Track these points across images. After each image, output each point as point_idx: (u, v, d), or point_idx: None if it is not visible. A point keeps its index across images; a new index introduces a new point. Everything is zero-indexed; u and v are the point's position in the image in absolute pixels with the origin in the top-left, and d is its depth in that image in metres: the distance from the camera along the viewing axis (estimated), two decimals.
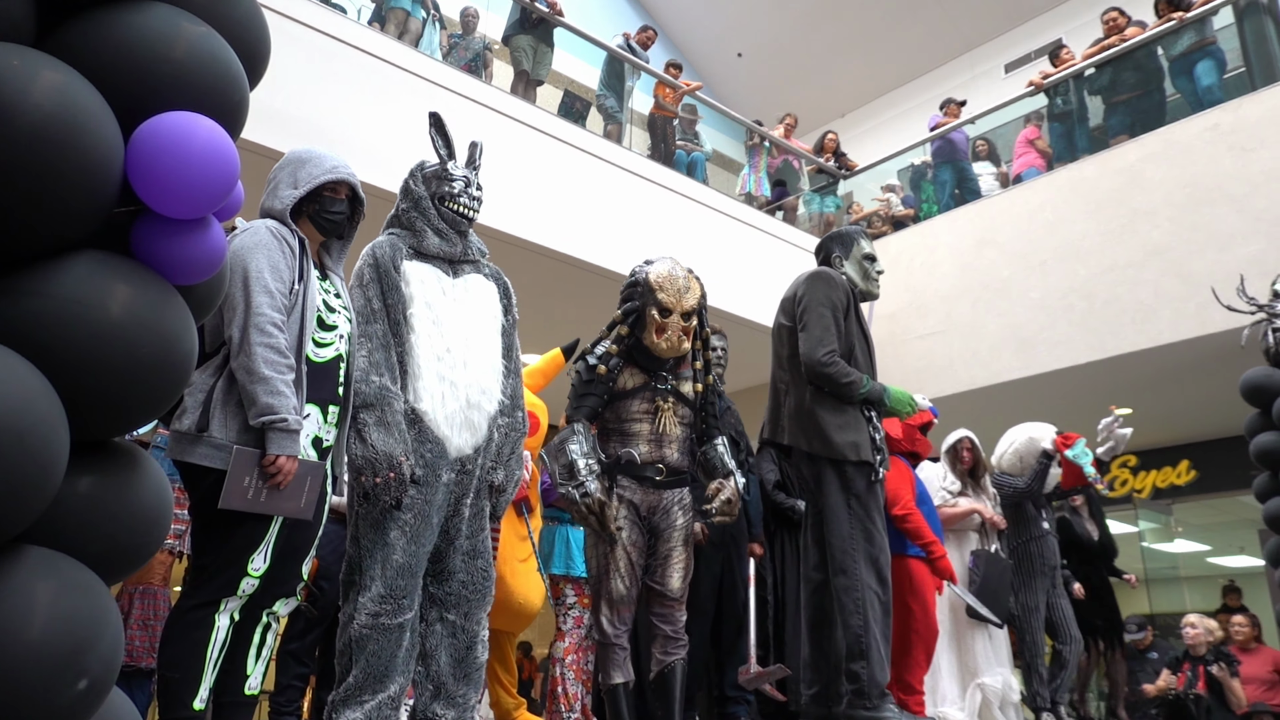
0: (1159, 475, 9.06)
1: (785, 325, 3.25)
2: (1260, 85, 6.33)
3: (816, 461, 3.10)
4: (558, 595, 3.69)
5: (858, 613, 2.96)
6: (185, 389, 1.91)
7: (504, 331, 2.76)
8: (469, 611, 2.55)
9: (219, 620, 2.13)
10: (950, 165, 8.37)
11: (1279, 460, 4.30)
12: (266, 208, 2.39)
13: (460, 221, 2.71)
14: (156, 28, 1.24)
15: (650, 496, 2.97)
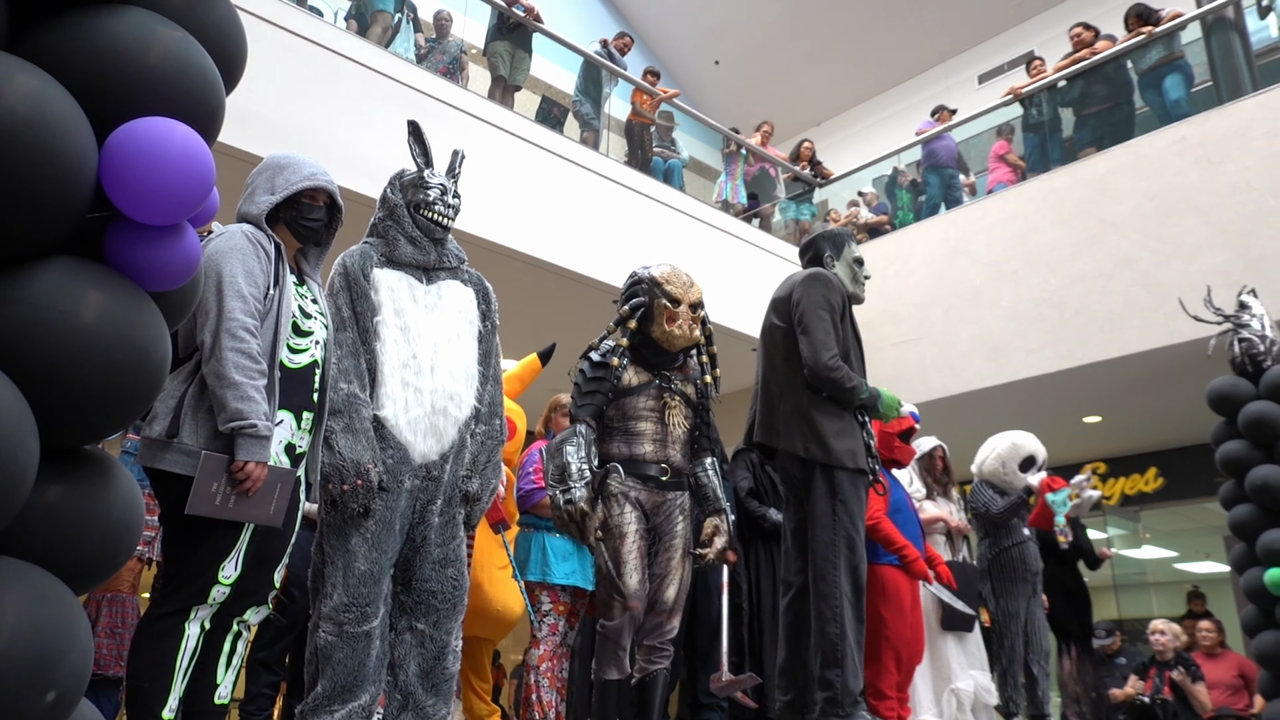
0: (1127, 482, 9.18)
1: (779, 326, 3.20)
2: (1227, 99, 6.45)
3: (809, 466, 3.06)
4: (533, 602, 3.68)
5: (835, 620, 2.93)
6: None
7: (481, 337, 2.76)
8: (438, 621, 2.53)
9: (189, 629, 2.11)
10: (938, 171, 8.44)
11: (1244, 468, 4.37)
12: (243, 212, 2.37)
13: (434, 229, 2.71)
14: (131, 32, 1.23)
15: (655, 496, 2.99)
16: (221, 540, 2.13)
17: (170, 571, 2.15)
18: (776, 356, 3.19)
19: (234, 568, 2.16)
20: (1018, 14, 11.63)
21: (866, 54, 12.59)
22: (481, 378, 2.71)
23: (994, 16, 11.74)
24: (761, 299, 3.63)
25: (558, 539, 3.67)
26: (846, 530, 3.00)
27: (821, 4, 12.19)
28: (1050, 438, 8.65)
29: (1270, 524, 4.24)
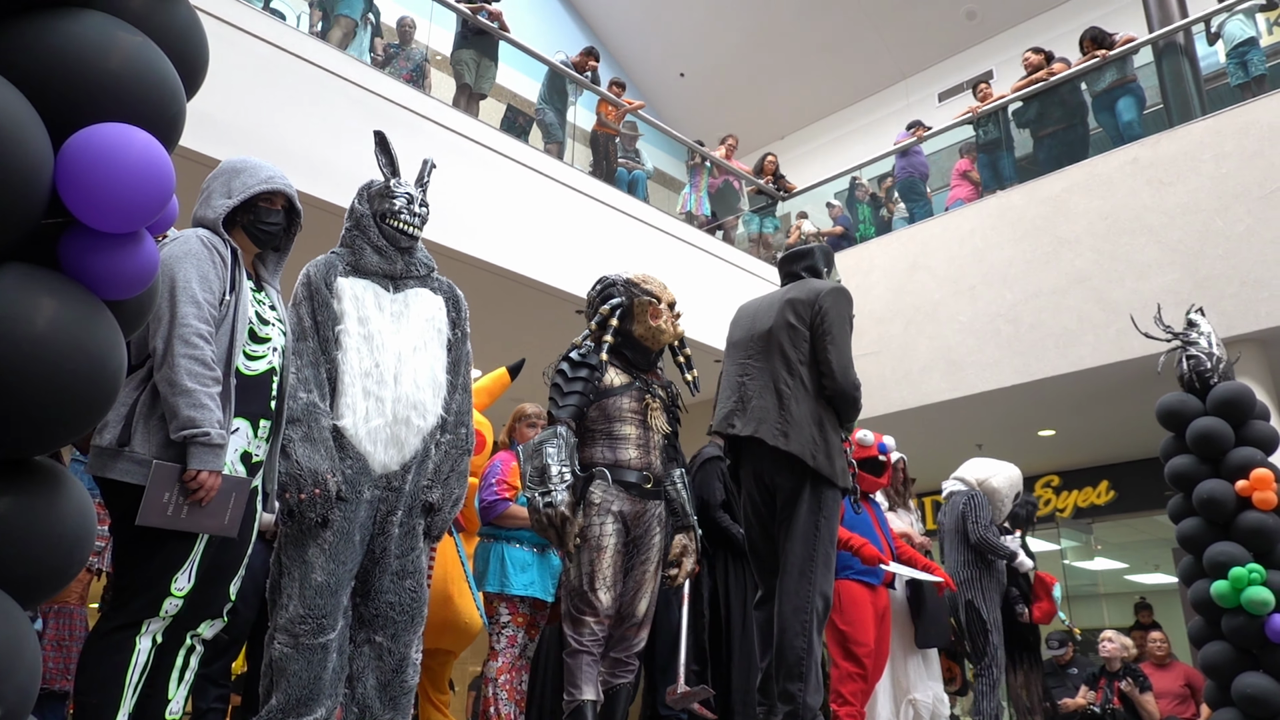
0: (1080, 495, 9.35)
1: (799, 329, 3.06)
2: (1177, 122, 6.63)
3: (803, 475, 2.95)
4: (492, 614, 3.66)
5: (803, 634, 2.86)
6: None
7: (450, 346, 2.74)
8: (396, 634, 2.50)
9: (140, 643, 2.05)
10: (911, 184, 8.56)
11: (1192, 483, 4.46)
12: (199, 216, 2.33)
13: (400, 238, 2.71)
14: (91, 36, 1.21)
15: (636, 505, 2.95)
16: (175, 551, 2.08)
17: (121, 583, 2.09)
18: (793, 357, 3.03)
19: (187, 580, 2.11)
20: (977, 34, 11.86)
21: (829, 70, 12.76)
22: (449, 387, 2.69)
23: (954, 36, 11.97)
24: (725, 311, 3.64)
25: (517, 550, 3.65)
26: (825, 548, 2.94)
27: (786, 20, 12.33)
28: (1006, 451, 8.79)
29: (1217, 537, 4.35)
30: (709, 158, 9.20)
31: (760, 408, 3.01)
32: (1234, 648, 4.24)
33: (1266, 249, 5.83)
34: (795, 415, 2.95)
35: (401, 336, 2.61)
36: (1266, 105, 6.11)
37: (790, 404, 2.97)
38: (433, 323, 2.70)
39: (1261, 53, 6.75)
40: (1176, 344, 4.78)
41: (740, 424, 3.05)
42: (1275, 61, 6.83)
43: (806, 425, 2.94)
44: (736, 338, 3.28)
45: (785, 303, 3.13)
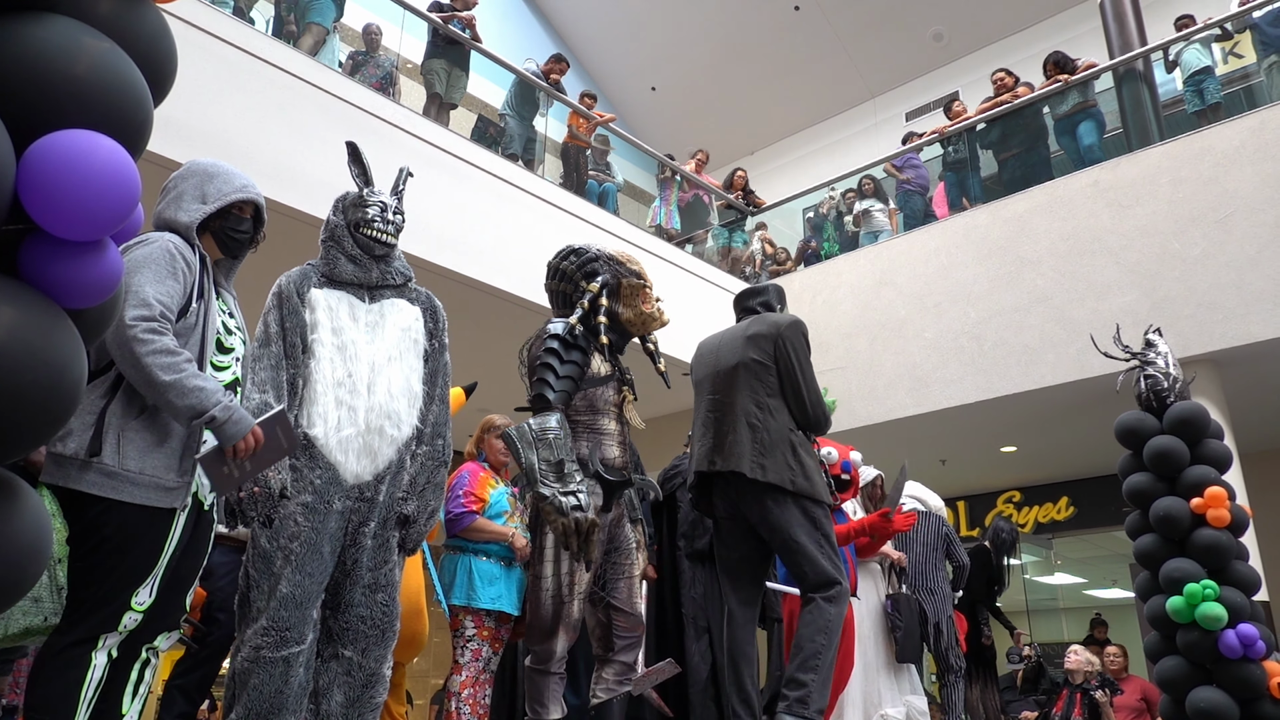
0: (1040, 510, 9.49)
1: (764, 364, 3.15)
2: (1136, 147, 6.78)
3: (784, 498, 3.00)
4: (456, 627, 3.62)
5: (825, 633, 2.88)
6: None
7: (427, 356, 2.72)
8: (367, 648, 2.47)
9: (96, 659, 1.99)
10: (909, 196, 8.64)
11: (1149, 500, 4.54)
12: (168, 219, 2.26)
13: (374, 246, 2.70)
14: (57, 42, 1.19)
15: (615, 509, 2.87)
16: (138, 566, 2.03)
17: (79, 597, 2.00)
18: (760, 391, 3.12)
19: (148, 594, 2.06)
20: (944, 56, 12.07)
21: (799, 87, 12.90)
22: (425, 397, 2.67)
23: (921, 58, 12.16)
24: (694, 324, 3.66)
25: (484, 563, 3.62)
26: (833, 559, 2.99)
27: (757, 37, 12.45)
28: (969, 466, 8.95)
29: (1172, 554, 4.42)
30: (679, 171, 9.25)
31: (735, 442, 3.07)
32: (1188, 663, 4.31)
33: (1221, 272, 5.96)
34: (768, 445, 3.02)
35: (376, 346, 2.59)
36: (1220, 133, 6.27)
37: (762, 435, 3.04)
38: (409, 333, 2.68)
39: (1217, 81, 6.93)
40: (1135, 364, 4.87)
41: (720, 461, 3.10)
42: (1230, 90, 7.01)
43: (780, 452, 3.01)
44: (701, 375, 3.34)
45: (747, 339, 3.21)
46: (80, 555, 2.02)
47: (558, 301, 3.05)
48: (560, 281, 3.01)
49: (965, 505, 9.97)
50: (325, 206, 5.09)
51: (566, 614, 2.74)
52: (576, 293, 2.98)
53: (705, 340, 3.49)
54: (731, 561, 3.21)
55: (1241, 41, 7.06)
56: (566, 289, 3.02)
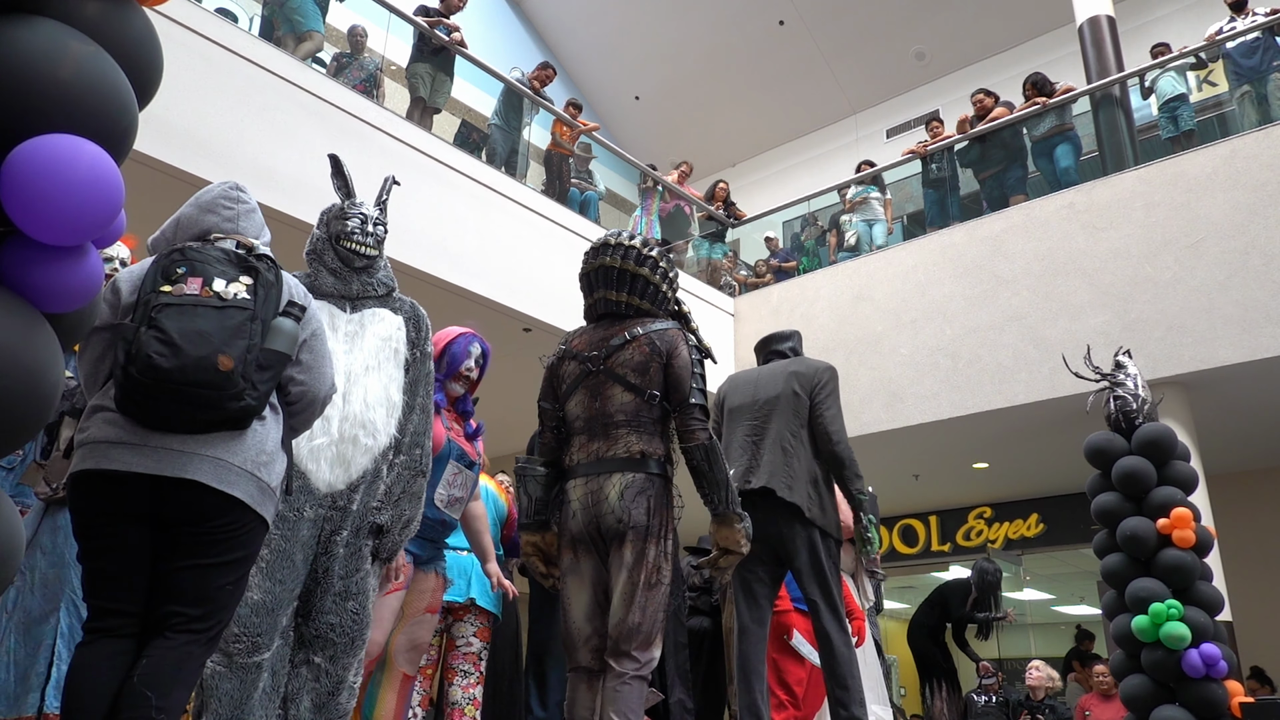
0: (1010, 527, 9.57)
1: (802, 398, 3.52)
2: (1111, 171, 6.89)
3: (810, 527, 3.34)
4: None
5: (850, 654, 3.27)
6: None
7: (408, 366, 2.70)
8: (335, 655, 2.46)
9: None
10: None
11: (1116, 519, 4.60)
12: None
13: (354, 259, 2.71)
14: (41, 45, 1.19)
15: None
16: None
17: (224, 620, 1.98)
18: (794, 423, 3.48)
19: None
20: (926, 74, 12.20)
21: (782, 101, 12.99)
22: (405, 407, 2.66)
23: (903, 76, 12.29)
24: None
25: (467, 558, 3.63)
26: (836, 586, 3.37)
27: (741, 49, 12.53)
28: (942, 482, 9.02)
29: (1138, 573, 4.48)
30: (661, 182, 9.28)
31: (770, 462, 3.42)
32: (1153, 681, 4.37)
33: (1191, 296, 6.06)
34: (796, 472, 3.38)
35: (354, 356, 2.59)
36: (1193, 159, 6.39)
37: (793, 460, 3.41)
38: (389, 343, 2.67)
39: (1191, 109, 7.05)
40: (1105, 384, 4.93)
41: (755, 479, 3.40)
42: (1203, 117, 7.14)
43: (804, 480, 3.37)
44: (738, 403, 3.67)
45: (790, 374, 3.61)
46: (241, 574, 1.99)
47: (639, 289, 2.83)
48: (656, 275, 2.85)
49: (937, 520, 10.04)
50: (305, 207, 5.11)
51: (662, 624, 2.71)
52: (671, 299, 2.91)
53: (740, 374, 3.85)
54: (749, 581, 3.45)
55: (1215, 70, 7.20)
56: (664, 291, 2.88)
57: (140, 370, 1.72)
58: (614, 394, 2.69)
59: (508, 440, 8.70)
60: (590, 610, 2.65)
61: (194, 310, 1.80)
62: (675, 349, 2.71)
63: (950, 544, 9.82)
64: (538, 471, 2.81)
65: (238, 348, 1.80)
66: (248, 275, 1.93)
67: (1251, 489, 8.45)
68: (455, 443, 3.02)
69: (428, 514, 2.88)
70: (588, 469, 2.67)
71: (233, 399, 1.79)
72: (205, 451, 1.83)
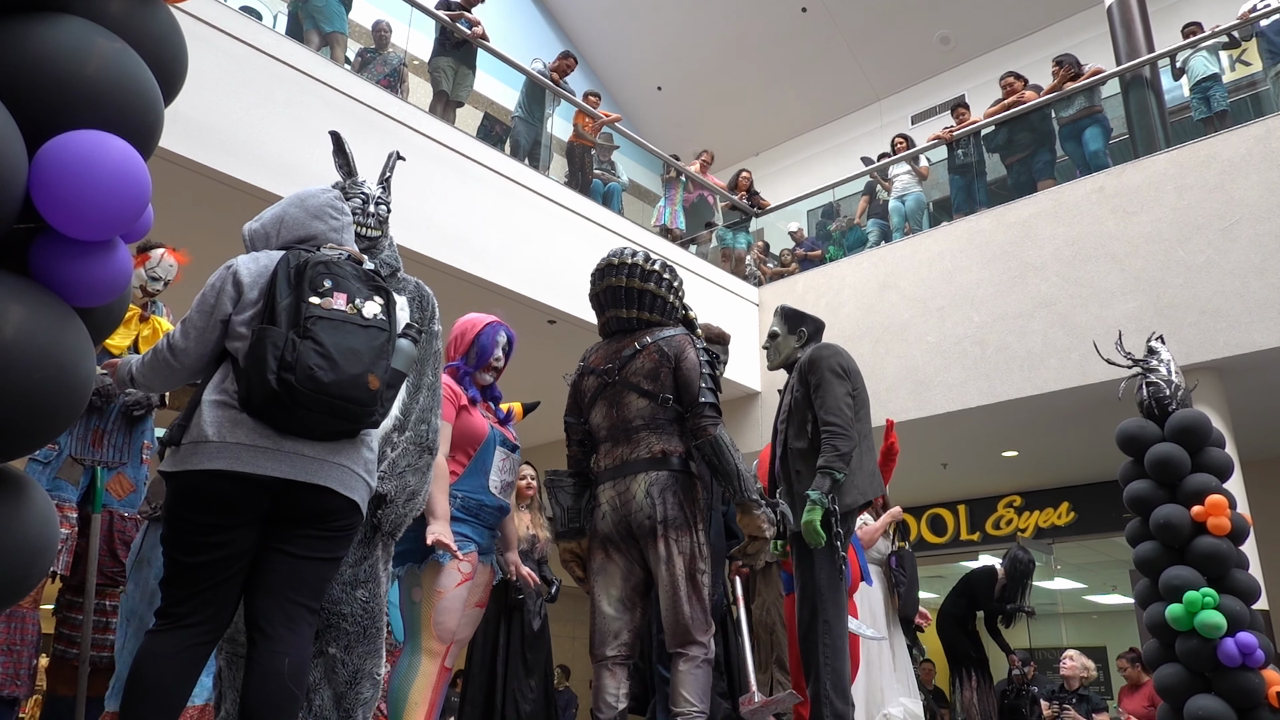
0: (1041, 516, 9.48)
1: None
2: (1142, 154, 6.77)
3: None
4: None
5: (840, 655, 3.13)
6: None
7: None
8: (349, 645, 2.42)
9: None
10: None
11: (1149, 507, 4.54)
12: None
13: (355, 240, 2.67)
14: (68, 42, 1.20)
15: None
16: None
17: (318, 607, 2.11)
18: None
19: None
20: (951, 59, 12.05)
21: (805, 89, 12.89)
22: (410, 388, 2.65)
23: (928, 60, 12.15)
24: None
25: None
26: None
27: (763, 38, 12.45)
28: (970, 471, 8.94)
29: (1172, 561, 4.43)
30: (685, 172, 9.25)
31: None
32: (1187, 670, 4.32)
33: (1225, 280, 5.96)
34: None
35: None
36: (1227, 140, 6.27)
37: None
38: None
39: (1224, 89, 6.91)
40: (1137, 371, 4.87)
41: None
42: (1237, 98, 7.00)
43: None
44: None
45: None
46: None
47: (648, 303, 2.95)
48: (661, 287, 2.96)
49: (966, 509, 9.96)
50: None
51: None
52: (678, 307, 3.01)
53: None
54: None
55: (1249, 49, 7.05)
56: (670, 300, 2.98)
57: (300, 380, 1.80)
58: (631, 401, 2.88)
59: (535, 432, 8.74)
60: (620, 607, 2.83)
61: (344, 327, 1.90)
62: (682, 352, 2.87)
63: (980, 533, 9.75)
64: (566, 482, 3.03)
65: (381, 367, 1.93)
66: (379, 295, 2.04)
67: None
68: (497, 430, 3.01)
69: (487, 501, 2.90)
70: (614, 472, 2.86)
71: (370, 414, 1.93)
72: (334, 459, 1.95)
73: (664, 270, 2.99)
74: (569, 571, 3.02)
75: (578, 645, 10.83)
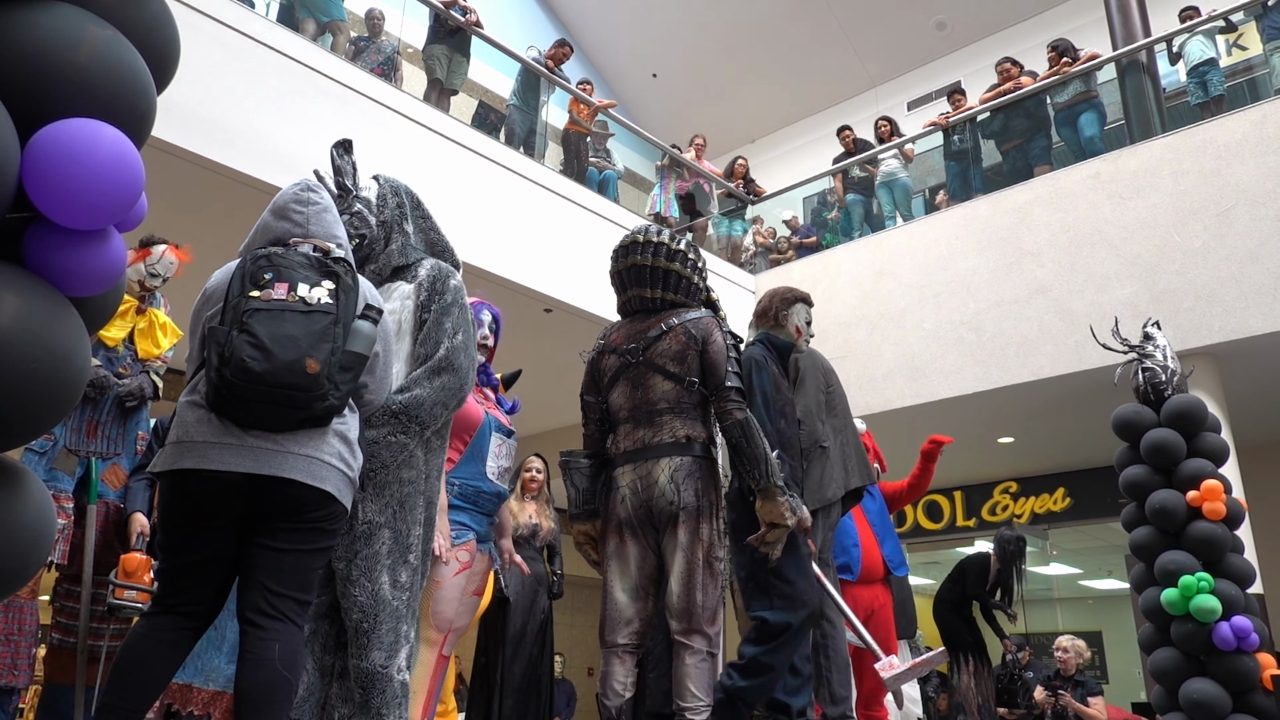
0: (1037, 501, 9.51)
1: None
2: (1138, 139, 6.76)
3: None
4: None
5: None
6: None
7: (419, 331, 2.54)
8: (348, 642, 2.42)
9: None
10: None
11: (1145, 492, 4.56)
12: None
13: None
14: (59, 29, 1.19)
15: None
16: None
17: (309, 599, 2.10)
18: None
19: None
20: (947, 45, 12.01)
21: (801, 76, 12.85)
22: (413, 365, 2.59)
23: (924, 46, 12.11)
24: None
25: None
26: None
27: (759, 24, 12.40)
28: (966, 457, 8.96)
29: (1168, 546, 4.45)
30: (683, 161, 9.23)
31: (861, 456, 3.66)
32: (1182, 654, 4.35)
33: (1221, 265, 5.97)
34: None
35: None
36: (1223, 125, 6.26)
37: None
38: (394, 316, 2.52)
39: (1221, 73, 6.90)
40: (1133, 356, 4.88)
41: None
42: (1233, 82, 6.99)
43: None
44: (842, 394, 3.96)
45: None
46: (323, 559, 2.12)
47: (673, 284, 2.92)
48: (686, 267, 2.94)
49: (962, 495, 10.00)
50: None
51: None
52: (702, 288, 2.98)
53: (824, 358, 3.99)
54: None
55: (1246, 33, 7.03)
56: (695, 281, 2.96)
57: (234, 373, 1.81)
58: (655, 383, 2.82)
59: (532, 420, 8.74)
60: (633, 593, 2.79)
61: (282, 315, 1.88)
62: (710, 336, 2.82)
63: (975, 519, 9.78)
64: (581, 463, 2.96)
65: (323, 351, 1.89)
66: (329, 280, 2.01)
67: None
68: (491, 415, 2.96)
69: (485, 488, 2.86)
70: (635, 455, 2.80)
71: (319, 399, 1.88)
72: (298, 450, 1.93)
73: (690, 250, 2.96)
74: (584, 554, 2.99)
75: (575, 633, 10.87)
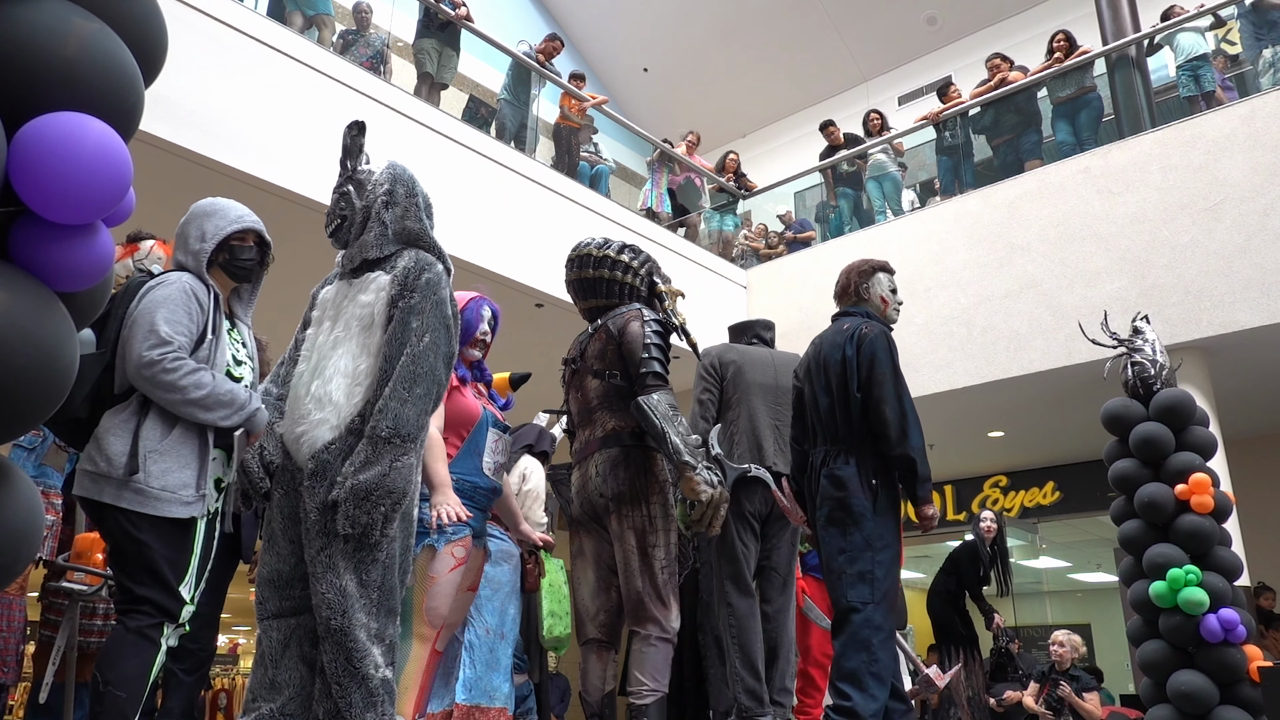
0: (1026, 495, 9.55)
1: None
2: (1128, 134, 6.78)
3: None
4: None
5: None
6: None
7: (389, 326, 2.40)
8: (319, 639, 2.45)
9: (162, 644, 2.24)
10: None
11: (1134, 486, 4.58)
12: (179, 261, 2.48)
13: (333, 241, 2.64)
14: (46, 23, 1.18)
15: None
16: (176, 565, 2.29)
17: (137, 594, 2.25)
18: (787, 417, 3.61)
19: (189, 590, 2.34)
20: (938, 39, 12.02)
21: (792, 70, 12.83)
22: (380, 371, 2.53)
23: (915, 41, 12.11)
24: (689, 308, 3.68)
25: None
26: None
27: (750, 19, 12.38)
28: (956, 451, 8.99)
29: (1156, 539, 4.47)
30: (675, 156, 9.21)
31: (787, 451, 3.53)
32: (1170, 646, 4.37)
33: (1209, 260, 5.99)
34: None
35: (327, 333, 2.47)
36: (1212, 120, 6.28)
37: (787, 453, 3.47)
38: (367, 309, 2.43)
39: (1212, 68, 6.92)
40: (1122, 350, 4.90)
41: (780, 463, 3.53)
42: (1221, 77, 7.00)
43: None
44: (762, 381, 3.71)
45: (787, 370, 3.70)
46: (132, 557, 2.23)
47: (604, 289, 3.04)
48: (615, 271, 3.03)
49: (952, 489, 10.03)
50: (313, 186, 5.10)
51: (675, 586, 2.82)
52: (638, 286, 3.05)
53: (752, 351, 3.82)
54: (750, 558, 3.51)
55: (1233, 28, 7.05)
56: (627, 281, 3.04)
57: None
58: (589, 384, 2.96)
59: (523, 415, 8.73)
60: (595, 588, 2.89)
61: None
62: (625, 327, 2.90)
63: (966, 513, 9.81)
64: (564, 475, 3.20)
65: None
66: None
67: (1271, 454, 8.40)
68: (489, 411, 2.95)
69: (481, 484, 2.85)
70: (579, 455, 2.95)
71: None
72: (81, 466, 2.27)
73: (619, 253, 3.06)
74: None
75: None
